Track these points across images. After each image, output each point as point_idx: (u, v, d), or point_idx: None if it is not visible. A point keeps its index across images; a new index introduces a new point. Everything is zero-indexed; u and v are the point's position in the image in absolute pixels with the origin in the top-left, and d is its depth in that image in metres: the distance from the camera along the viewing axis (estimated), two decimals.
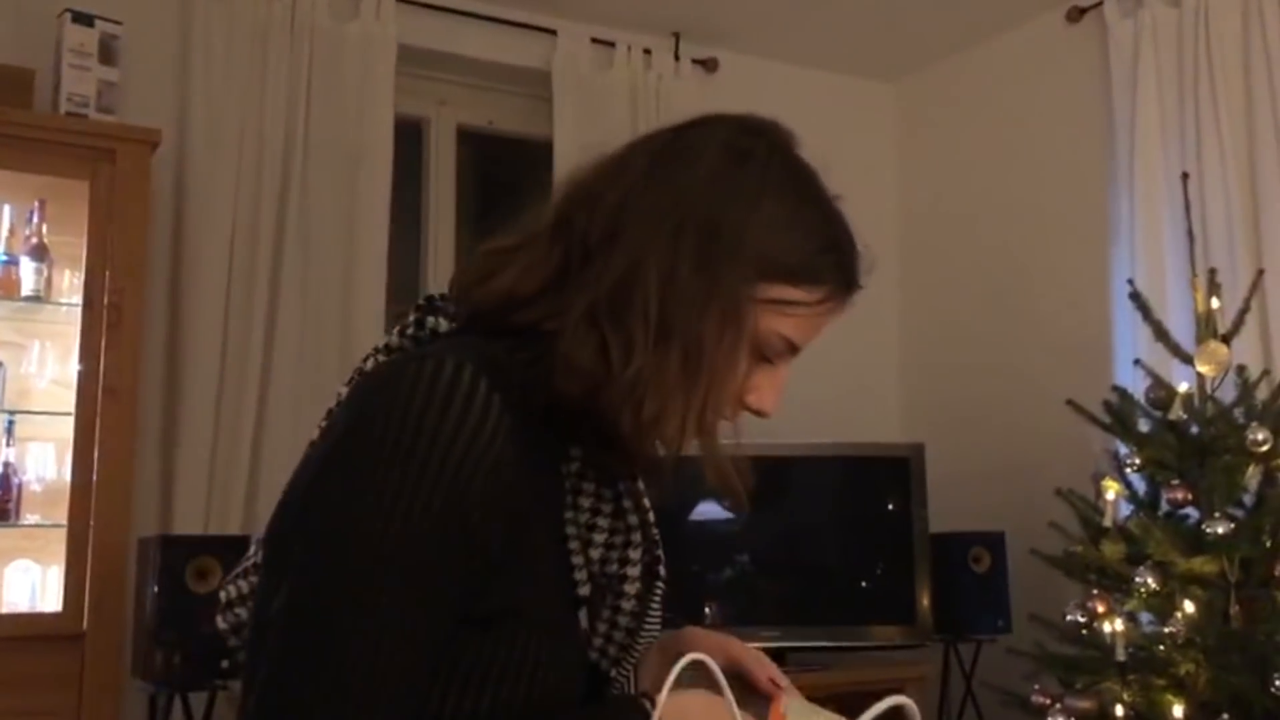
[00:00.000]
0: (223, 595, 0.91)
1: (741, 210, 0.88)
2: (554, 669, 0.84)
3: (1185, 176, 2.93)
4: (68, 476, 2.71)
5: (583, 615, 0.92)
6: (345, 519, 0.78)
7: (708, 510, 3.51)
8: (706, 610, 3.47)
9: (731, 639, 1.04)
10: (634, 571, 0.92)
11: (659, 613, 0.95)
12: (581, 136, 3.65)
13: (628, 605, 0.92)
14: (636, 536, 0.93)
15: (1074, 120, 3.67)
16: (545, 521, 0.89)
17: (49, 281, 2.83)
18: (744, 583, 3.52)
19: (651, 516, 0.95)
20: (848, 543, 3.60)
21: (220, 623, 0.91)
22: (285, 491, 0.84)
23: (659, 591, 0.95)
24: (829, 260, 0.92)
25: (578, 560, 0.91)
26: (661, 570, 0.95)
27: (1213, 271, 2.80)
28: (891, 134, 4.39)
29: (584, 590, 0.91)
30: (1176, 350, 2.79)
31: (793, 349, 0.92)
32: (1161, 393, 2.74)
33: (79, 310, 2.75)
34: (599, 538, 0.92)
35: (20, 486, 2.79)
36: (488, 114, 3.86)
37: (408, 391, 0.79)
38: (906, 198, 4.34)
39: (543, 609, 0.86)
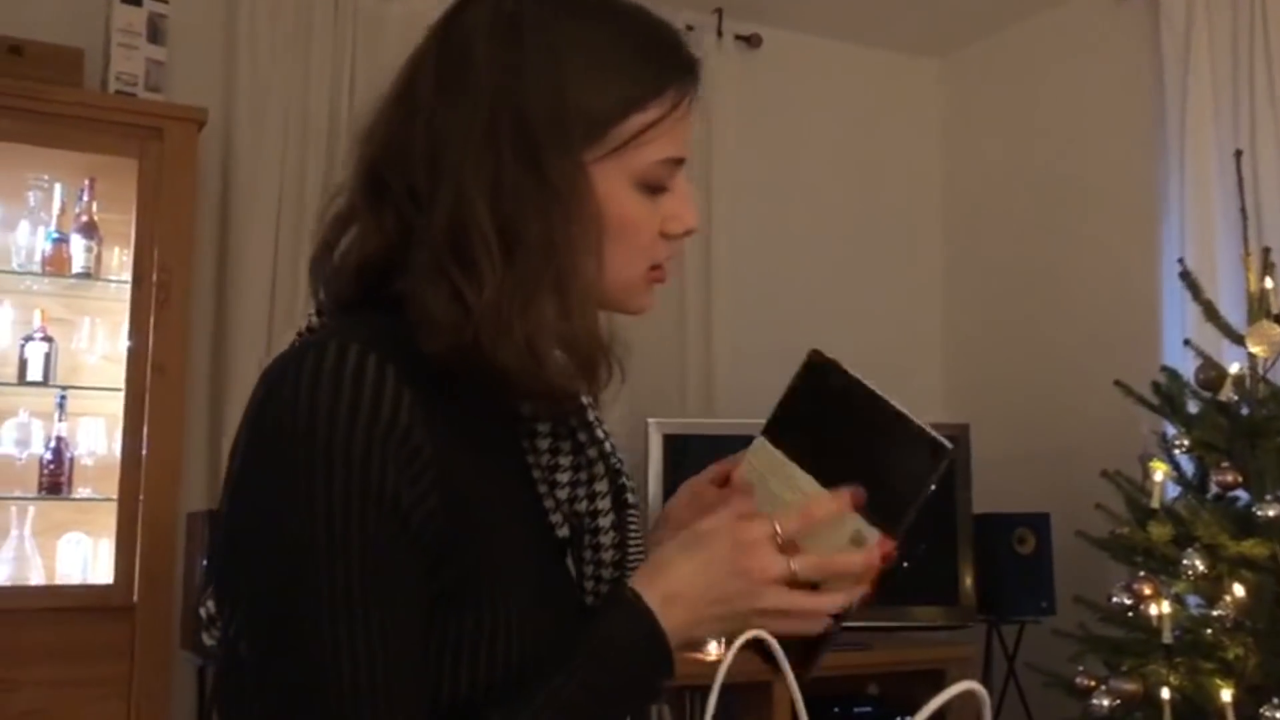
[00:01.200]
0: (202, 613, 0.87)
1: (543, 84, 0.83)
2: (539, 623, 0.83)
3: (1239, 154, 2.88)
4: (118, 451, 2.76)
5: (570, 561, 0.90)
6: (271, 544, 0.76)
7: None
8: None
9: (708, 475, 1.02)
10: (604, 504, 0.90)
11: (639, 540, 0.93)
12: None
13: (606, 539, 0.90)
14: (599, 469, 0.90)
15: (1123, 96, 3.61)
16: (500, 477, 0.87)
17: (99, 259, 2.87)
18: None
19: (610, 445, 0.92)
20: None
21: (206, 639, 0.89)
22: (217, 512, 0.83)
23: (634, 519, 0.92)
24: (655, 65, 0.87)
25: (549, 504, 0.89)
26: (631, 498, 0.92)
27: (1266, 250, 2.74)
28: (937, 111, 4.34)
29: (563, 532, 0.89)
30: (1227, 330, 2.74)
31: (679, 162, 0.88)
32: (1212, 373, 2.70)
33: (128, 287, 2.79)
34: (563, 477, 0.89)
35: (72, 461, 2.83)
36: None
37: (293, 391, 0.77)
38: (951, 176, 4.29)
39: (515, 565, 0.84)
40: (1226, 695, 2.40)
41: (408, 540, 0.78)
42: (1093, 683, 2.66)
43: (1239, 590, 2.47)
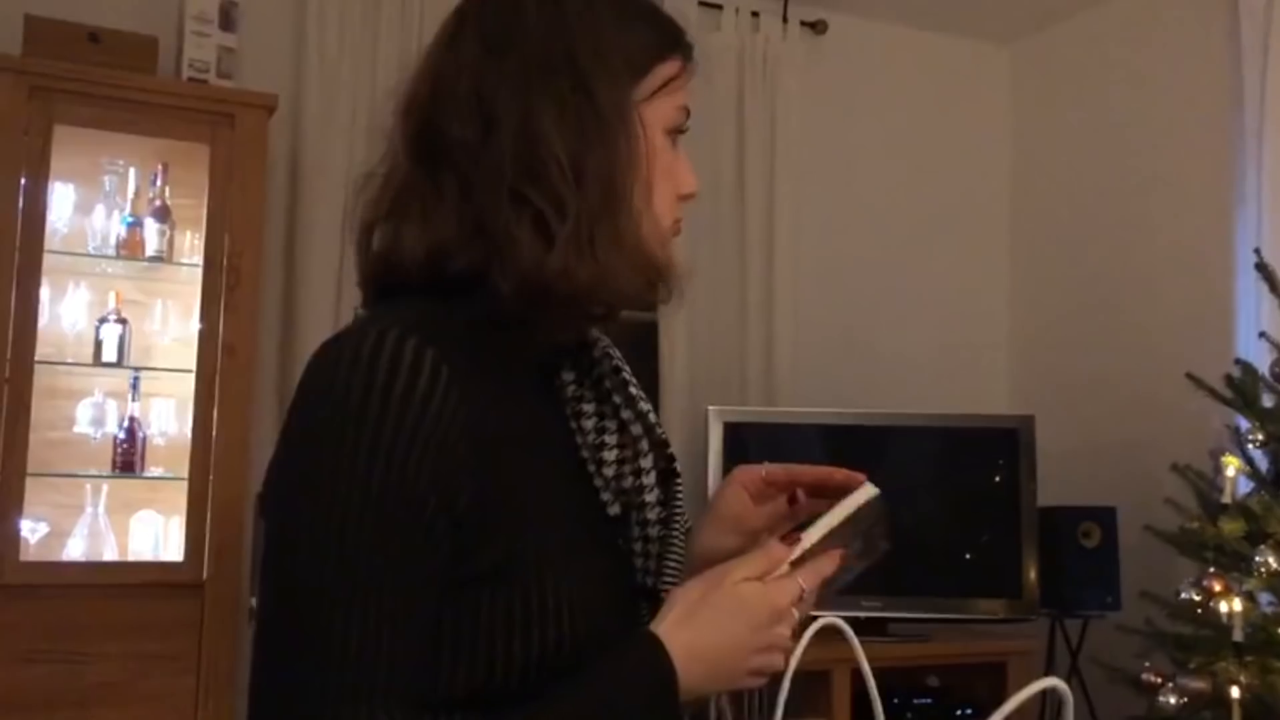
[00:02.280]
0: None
1: (585, 28, 0.88)
2: (592, 602, 0.84)
3: None
4: (189, 431, 2.81)
5: (621, 538, 0.92)
6: (300, 523, 0.78)
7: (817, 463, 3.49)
8: None
9: (760, 467, 1.02)
10: (650, 480, 0.91)
11: (683, 514, 0.94)
12: (688, 100, 3.63)
13: (652, 515, 0.91)
14: (644, 445, 0.92)
15: (1198, 84, 3.53)
16: (548, 459, 0.89)
17: (171, 242, 2.93)
18: None
19: (654, 418, 0.93)
20: (953, 514, 3.55)
21: None
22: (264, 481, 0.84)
23: (679, 493, 0.93)
24: (668, 28, 0.93)
25: (599, 483, 0.91)
26: (676, 468, 0.94)
27: None
28: (1005, 98, 4.28)
29: (614, 510, 0.91)
30: None
31: (687, 117, 0.94)
32: None
33: (199, 270, 2.84)
34: (610, 455, 0.91)
35: (145, 440, 2.89)
36: None
37: (330, 377, 0.79)
38: (1020, 163, 4.23)
39: (566, 546, 0.85)
40: None
41: (433, 530, 0.78)
42: (1159, 679, 2.63)
43: None
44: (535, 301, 0.85)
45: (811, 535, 0.89)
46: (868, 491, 0.92)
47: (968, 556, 3.50)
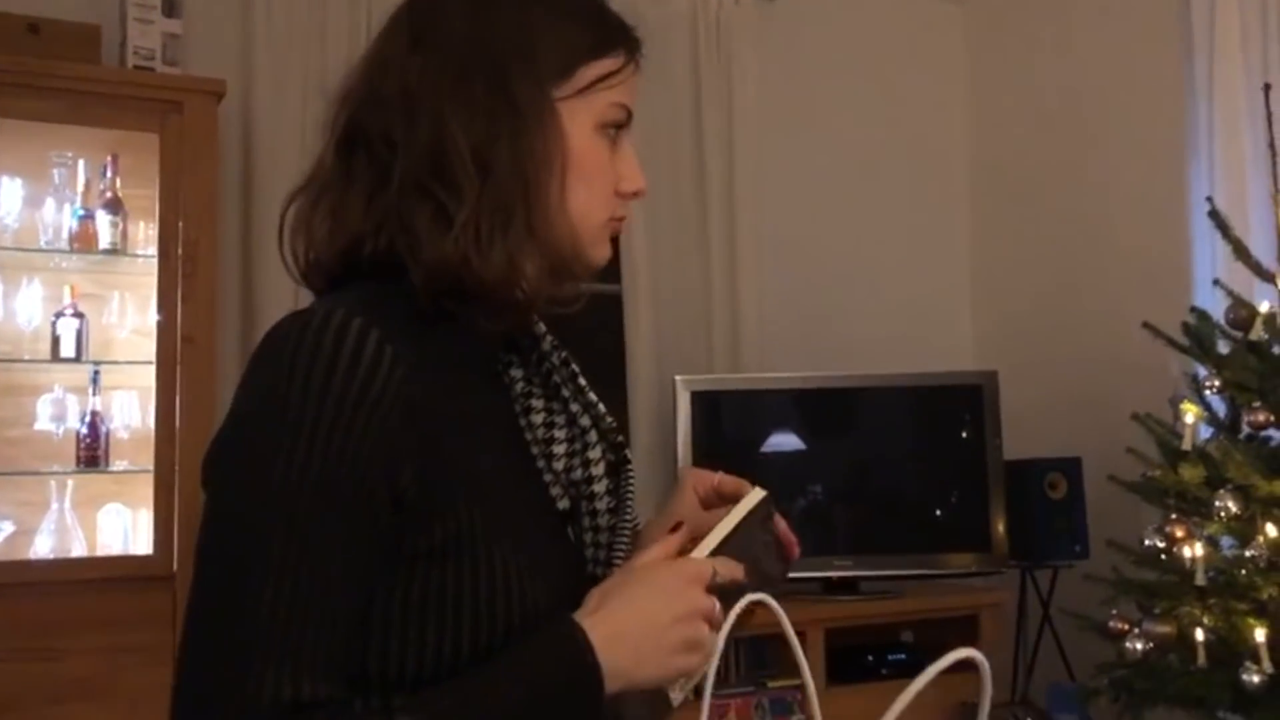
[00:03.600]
0: None
1: (508, 27, 0.90)
2: (534, 589, 0.85)
3: (1267, 88, 2.82)
4: (152, 423, 2.79)
5: (571, 530, 0.94)
6: (238, 495, 0.79)
7: (780, 442, 3.52)
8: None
9: (714, 475, 1.04)
10: (598, 470, 0.94)
11: (633, 504, 0.95)
12: (643, 66, 3.61)
13: (601, 505, 0.94)
14: (592, 437, 0.94)
15: (1149, 33, 3.55)
16: (496, 447, 0.90)
17: (125, 234, 2.89)
18: (817, 512, 3.53)
19: (602, 409, 0.96)
20: (921, 472, 3.58)
21: None
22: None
23: (630, 483, 0.95)
24: (610, 24, 0.95)
25: (549, 477, 0.94)
26: (627, 455, 0.96)
27: None
28: (961, 57, 4.29)
29: (563, 504, 0.94)
30: (1258, 269, 2.71)
31: (630, 116, 0.95)
32: (1242, 313, 2.67)
33: (155, 261, 2.81)
34: (559, 449, 0.94)
35: (108, 434, 2.87)
36: None
37: (279, 352, 0.81)
38: (977, 120, 4.24)
39: (514, 530, 0.86)
40: (1260, 635, 2.40)
41: (371, 506, 0.79)
42: (1126, 626, 2.66)
43: (1271, 530, 2.46)
44: (447, 292, 0.86)
45: (711, 539, 0.90)
46: (756, 494, 0.94)
47: (937, 512, 3.53)
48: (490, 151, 0.87)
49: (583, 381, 0.96)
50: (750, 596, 0.88)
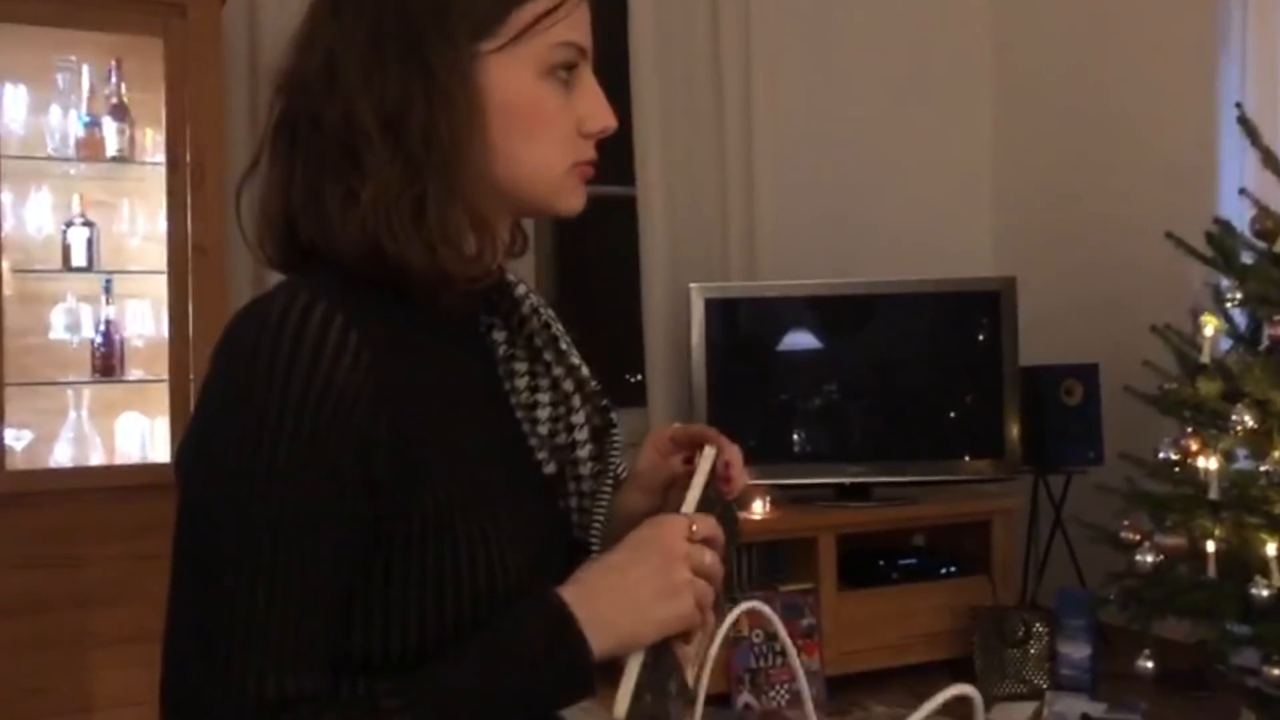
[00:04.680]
0: None
1: None
2: (523, 556, 0.83)
3: None
4: (166, 333, 2.79)
5: (560, 496, 0.93)
6: (211, 489, 0.78)
7: (796, 340, 3.50)
8: (795, 438, 3.50)
9: (668, 429, 1.01)
10: (582, 435, 0.92)
11: (619, 466, 0.94)
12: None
13: (585, 470, 0.92)
14: (576, 401, 0.92)
15: None
16: (478, 416, 0.88)
17: (132, 141, 2.86)
18: (832, 412, 3.53)
19: (586, 372, 0.93)
20: (937, 377, 3.57)
21: None
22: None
23: (616, 446, 0.94)
24: None
25: (534, 442, 0.91)
26: (614, 418, 0.94)
27: None
28: None
29: (549, 469, 0.92)
30: None
31: (582, 51, 0.89)
32: (1268, 223, 2.62)
33: (163, 169, 2.78)
34: (543, 413, 0.92)
35: (123, 343, 2.88)
36: None
37: (244, 341, 0.78)
38: (1000, 24, 4.12)
39: (497, 502, 0.85)
40: (1271, 548, 2.41)
41: (346, 493, 0.78)
42: (1137, 537, 2.67)
43: None
44: (380, 267, 0.83)
45: (689, 499, 0.89)
46: (711, 452, 0.92)
47: (952, 416, 3.53)
48: (403, 123, 0.83)
49: (564, 345, 0.93)
50: (743, 606, 0.88)
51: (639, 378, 3.64)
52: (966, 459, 3.47)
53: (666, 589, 0.83)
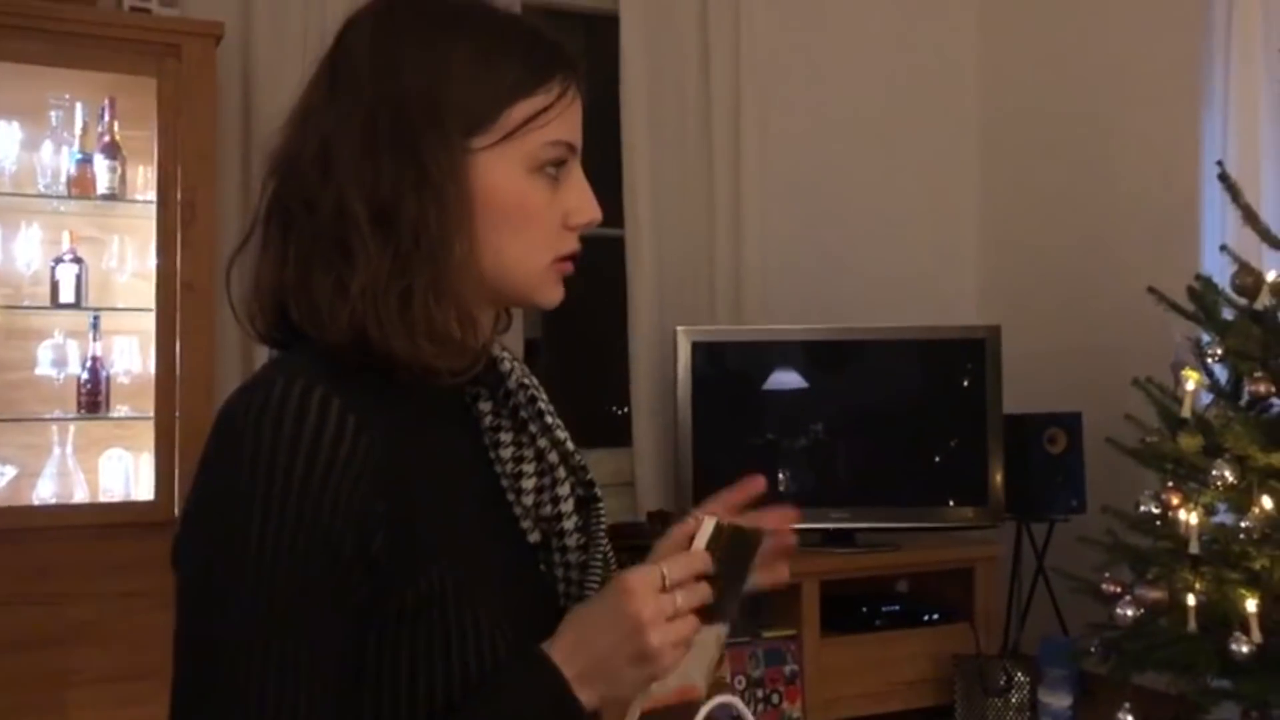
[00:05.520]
0: None
1: (422, 81, 0.85)
2: (509, 632, 0.84)
3: None
4: (153, 369, 2.80)
5: (544, 565, 0.93)
6: (212, 578, 0.78)
7: (781, 383, 3.52)
8: (780, 478, 3.51)
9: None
10: (567, 507, 0.93)
11: (603, 540, 0.95)
12: (649, 8, 3.56)
13: (571, 541, 0.93)
14: (561, 473, 0.93)
15: None
16: (466, 490, 0.90)
17: (123, 179, 2.87)
18: (817, 456, 3.54)
19: (571, 446, 0.94)
20: (922, 423, 3.58)
21: None
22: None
23: (600, 518, 0.95)
24: (536, 60, 0.88)
25: (518, 510, 0.92)
26: (598, 492, 0.95)
27: None
28: (974, 8, 4.20)
29: (534, 538, 0.92)
30: (1266, 235, 2.67)
31: (572, 149, 0.90)
32: (1249, 279, 2.64)
33: (154, 207, 2.79)
34: (529, 484, 0.92)
35: (109, 379, 2.88)
36: None
37: (238, 429, 0.79)
38: (988, 70, 4.17)
39: (484, 579, 0.86)
40: (1251, 605, 2.41)
41: (348, 577, 0.79)
42: (1118, 589, 2.68)
43: (1267, 502, 2.46)
44: (367, 354, 0.84)
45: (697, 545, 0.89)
46: (709, 524, 0.91)
47: (936, 461, 3.54)
48: (394, 216, 0.83)
49: (550, 419, 0.95)
50: (713, 702, 0.88)
51: (625, 410, 3.65)
52: (950, 505, 3.48)
53: (638, 655, 0.83)
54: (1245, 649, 2.38)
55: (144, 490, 2.84)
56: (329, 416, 0.79)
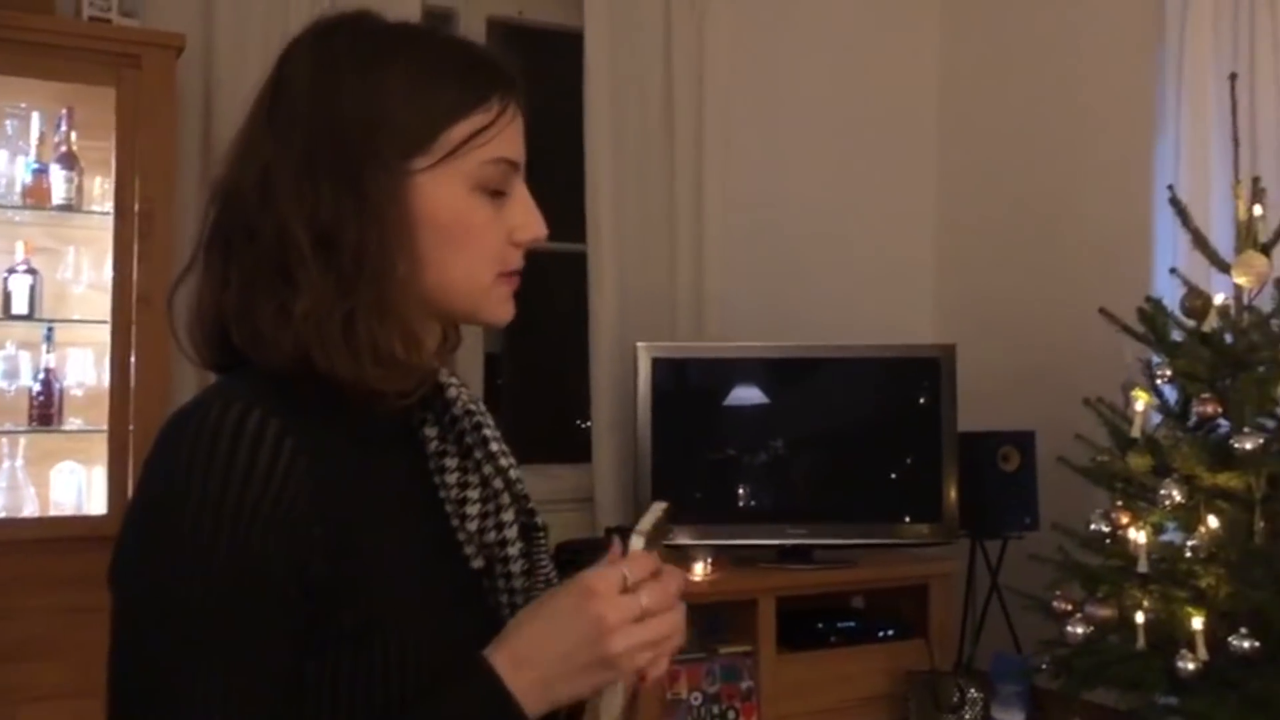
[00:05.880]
0: None
1: (359, 105, 0.86)
2: (448, 658, 0.83)
3: (1234, 77, 2.83)
4: (107, 382, 2.77)
5: (488, 592, 0.93)
6: (146, 602, 0.78)
7: (741, 399, 3.54)
8: (739, 494, 3.53)
9: None
10: (512, 534, 0.93)
11: (546, 567, 0.95)
12: (614, 25, 3.57)
13: (515, 568, 0.93)
14: (505, 499, 0.93)
15: (1123, 12, 3.54)
16: (408, 514, 0.89)
17: (80, 189, 2.84)
18: (775, 473, 3.56)
19: (515, 474, 0.94)
20: (878, 440, 3.61)
21: None
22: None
23: (542, 545, 0.95)
24: (475, 79, 0.89)
25: (462, 536, 0.92)
26: (540, 521, 0.95)
27: (1256, 179, 2.72)
28: (933, 25, 4.25)
29: (477, 563, 0.92)
30: (1215, 259, 2.73)
31: (514, 166, 0.91)
32: (1197, 302, 2.70)
33: (111, 218, 2.77)
34: (473, 510, 0.92)
35: (62, 392, 2.85)
36: (517, 3, 3.78)
37: (175, 451, 0.79)
38: (946, 94, 4.23)
39: (425, 604, 0.86)
40: (1198, 623, 2.46)
41: (283, 602, 0.79)
42: (1069, 607, 2.72)
43: (1213, 521, 2.50)
44: (311, 377, 0.84)
45: (634, 541, 0.87)
46: (660, 504, 0.91)
47: (893, 478, 3.57)
48: (335, 240, 0.84)
49: (495, 446, 0.94)
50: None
51: (586, 425, 3.65)
52: (906, 522, 3.51)
53: (603, 661, 0.82)
54: (1191, 666, 2.42)
55: (96, 504, 2.81)
56: (265, 439, 0.79)
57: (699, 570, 3.30)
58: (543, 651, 0.82)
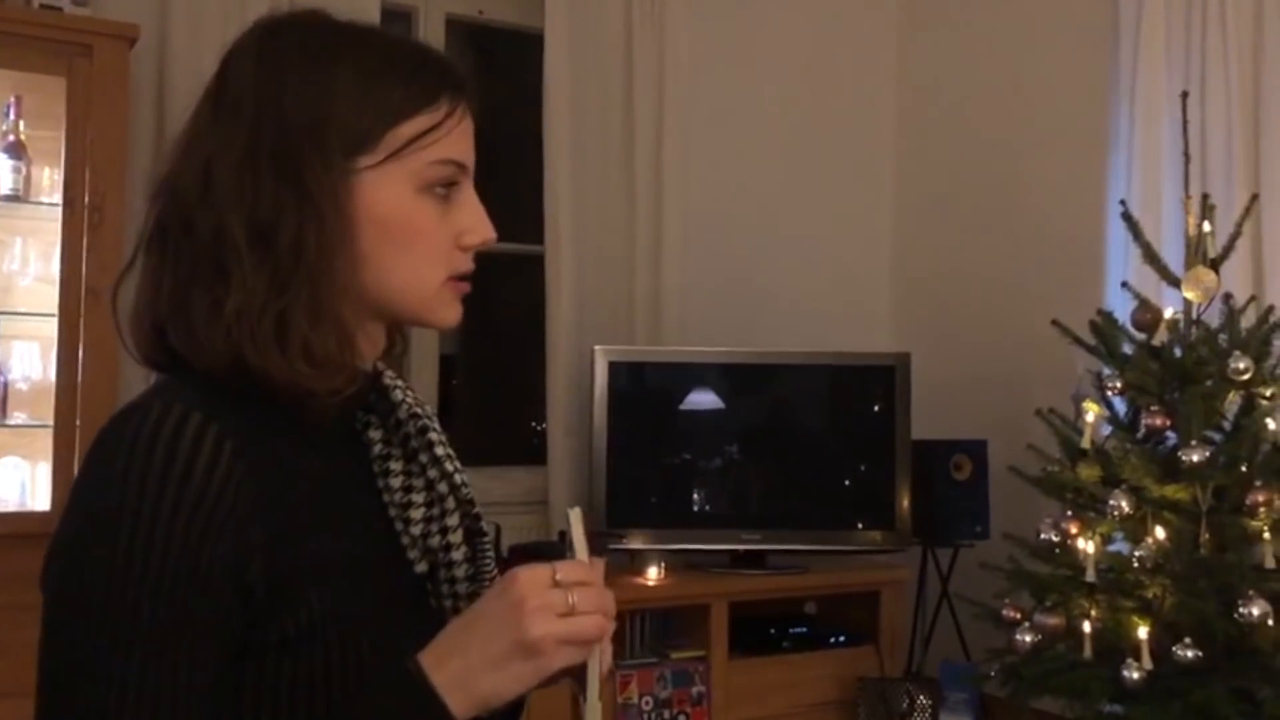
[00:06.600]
0: None
1: (305, 102, 0.85)
2: (390, 662, 0.82)
3: (1185, 95, 2.87)
4: (53, 376, 2.72)
5: (432, 596, 0.93)
6: (77, 604, 0.77)
7: (697, 404, 3.54)
8: (694, 499, 3.53)
9: None
10: (456, 538, 0.92)
11: (491, 571, 0.94)
12: (574, 26, 3.56)
13: (460, 572, 0.92)
14: (450, 503, 0.92)
15: (1078, 27, 3.58)
16: (350, 518, 0.88)
17: (28, 179, 2.79)
18: (729, 479, 3.56)
19: (460, 478, 0.93)
20: (832, 448, 3.63)
21: None
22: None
23: (487, 550, 0.94)
24: (423, 80, 0.89)
25: (405, 540, 0.91)
26: (484, 526, 0.94)
27: (1205, 195, 2.76)
28: (890, 41, 4.29)
29: (421, 568, 0.92)
30: (1165, 273, 2.77)
31: (462, 168, 0.90)
32: (1146, 316, 2.74)
33: (59, 209, 2.72)
34: (417, 514, 0.91)
35: (7, 385, 2.80)
36: (478, 3, 3.77)
37: (115, 453, 0.78)
38: (903, 104, 4.26)
39: (366, 608, 0.85)
40: (1143, 632, 2.49)
41: (218, 607, 0.78)
42: (1018, 615, 2.74)
43: (1160, 533, 2.54)
44: (244, 376, 0.83)
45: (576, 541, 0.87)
46: (577, 512, 0.89)
47: (846, 484, 3.59)
48: (273, 236, 0.83)
49: (440, 450, 0.93)
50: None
51: (542, 427, 3.64)
52: (859, 528, 3.53)
53: (520, 646, 0.80)
54: (1136, 675, 2.45)
55: (40, 501, 2.76)
56: (204, 442, 0.78)
57: (652, 574, 3.30)
58: (464, 642, 0.81)
